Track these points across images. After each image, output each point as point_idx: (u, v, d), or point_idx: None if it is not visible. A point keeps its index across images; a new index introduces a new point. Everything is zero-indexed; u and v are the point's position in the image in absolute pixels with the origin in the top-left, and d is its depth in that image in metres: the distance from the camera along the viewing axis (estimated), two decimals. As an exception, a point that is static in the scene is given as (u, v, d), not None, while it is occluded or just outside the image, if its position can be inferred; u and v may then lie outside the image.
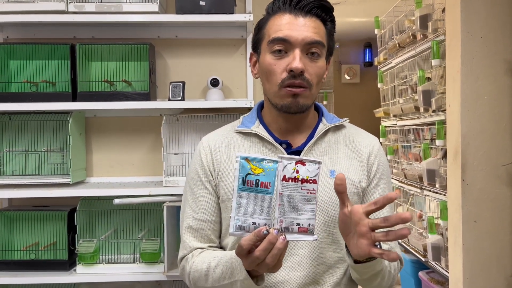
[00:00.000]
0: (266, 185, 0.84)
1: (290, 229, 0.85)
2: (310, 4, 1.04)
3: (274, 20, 1.05)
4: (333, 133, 1.14)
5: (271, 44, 1.04)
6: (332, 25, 1.10)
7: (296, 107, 1.05)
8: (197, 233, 1.11)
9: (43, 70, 1.88)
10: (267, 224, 0.85)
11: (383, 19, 3.48)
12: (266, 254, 0.83)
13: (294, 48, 1.02)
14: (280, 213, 0.85)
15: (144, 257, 1.81)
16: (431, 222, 2.47)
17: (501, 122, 2.05)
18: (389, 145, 3.39)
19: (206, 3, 1.81)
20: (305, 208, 0.86)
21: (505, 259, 2.05)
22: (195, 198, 1.12)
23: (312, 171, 0.85)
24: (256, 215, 0.85)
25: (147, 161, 2.01)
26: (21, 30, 1.96)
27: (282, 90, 1.04)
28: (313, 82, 1.04)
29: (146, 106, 1.81)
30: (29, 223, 1.90)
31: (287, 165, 0.84)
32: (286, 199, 0.85)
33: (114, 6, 1.80)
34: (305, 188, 0.85)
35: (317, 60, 1.05)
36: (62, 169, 1.92)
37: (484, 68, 2.04)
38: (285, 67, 1.03)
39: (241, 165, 0.84)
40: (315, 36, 1.03)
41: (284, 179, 0.85)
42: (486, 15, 2.02)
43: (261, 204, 0.84)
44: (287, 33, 1.02)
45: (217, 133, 1.17)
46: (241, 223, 0.85)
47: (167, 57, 2.01)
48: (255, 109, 1.17)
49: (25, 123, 1.94)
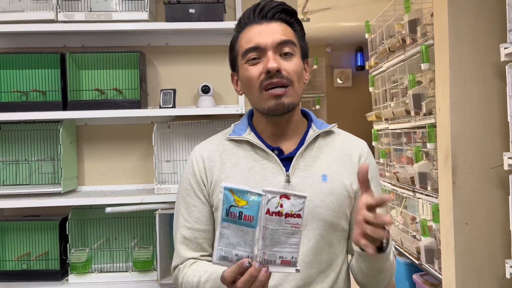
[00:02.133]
0: (249, 219, 0.84)
1: (273, 261, 0.85)
2: (272, 10, 1.08)
3: (243, 35, 1.10)
4: (323, 138, 1.16)
5: (245, 56, 1.08)
6: (299, 26, 1.13)
7: (282, 107, 1.07)
8: (190, 242, 1.12)
9: (33, 79, 1.88)
10: (250, 256, 0.85)
11: (373, 23, 3.50)
12: (249, 286, 0.85)
13: (266, 52, 1.06)
14: (263, 245, 0.85)
15: (137, 265, 1.80)
16: (424, 224, 2.49)
17: (490, 124, 2.07)
18: (381, 149, 3.40)
19: (195, 10, 1.81)
20: (289, 242, 0.85)
21: (497, 260, 2.07)
22: (188, 207, 1.13)
23: (297, 205, 0.85)
24: (239, 246, 0.85)
25: (139, 169, 2.01)
26: (11, 39, 1.95)
27: (264, 94, 1.06)
28: (293, 79, 1.07)
29: (137, 114, 1.81)
30: (21, 233, 1.88)
31: (271, 199, 0.84)
32: (270, 232, 0.84)
33: (103, 15, 1.81)
34: (289, 222, 0.84)
35: (291, 58, 1.08)
36: (53, 178, 1.91)
37: (473, 72, 2.06)
38: (261, 71, 1.06)
39: (225, 196, 0.84)
40: (283, 36, 1.07)
41: (268, 212, 0.84)
42: (474, 19, 2.05)
43: (244, 237, 0.84)
44: (257, 40, 1.06)
45: (209, 142, 1.19)
46: (224, 253, 0.85)
47: (158, 64, 2.01)
48: (246, 117, 1.19)
49: (15, 132, 1.93)
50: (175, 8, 1.82)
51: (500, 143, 2.05)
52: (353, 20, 4.70)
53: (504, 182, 2.04)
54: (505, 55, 1.79)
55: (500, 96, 2.05)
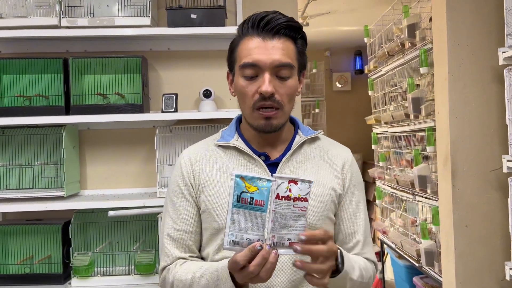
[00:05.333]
0: (260, 203, 0.89)
1: (282, 244, 0.90)
2: (277, 26, 1.07)
3: (244, 44, 1.09)
4: (309, 145, 1.18)
5: (242, 69, 1.08)
6: (302, 42, 1.13)
7: (269, 128, 1.09)
8: (178, 243, 1.13)
9: (36, 84, 1.90)
10: (260, 239, 0.89)
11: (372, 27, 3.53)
12: (260, 268, 0.88)
13: (263, 72, 1.06)
14: (273, 229, 0.89)
15: (139, 268, 1.81)
16: (424, 227, 2.50)
17: (489, 127, 2.08)
18: (381, 152, 3.42)
19: (197, 16, 1.83)
20: (296, 224, 0.91)
21: (497, 263, 2.08)
22: (176, 209, 1.14)
23: (304, 190, 0.91)
24: (250, 231, 0.89)
25: (141, 172, 2.02)
26: (14, 44, 1.97)
27: (255, 113, 1.08)
28: (284, 102, 1.08)
29: (140, 118, 1.82)
30: (24, 237, 1.89)
31: (280, 184, 0.89)
32: (279, 216, 0.89)
33: (106, 20, 1.82)
34: (297, 206, 0.90)
35: (287, 80, 1.08)
36: (56, 182, 1.92)
37: (471, 75, 2.08)
38: (256, 90, 1.07)
39: (236, 183, 0.88)
40: (283, 58, 1.06)
41: (277, 197, 0.89)
42: (472, 24, 2.07)
43: (255, 221, 0.89)
44: (256, 57, 1.06)
45: (197, 146, 1.21)
46: (235, 238, 0.89)
47: (160, 69, 2.03)
48: (234, 123, 1.22)
49: (18, 137, 1.94)
50: (177, 14, 1.84)
51: (499, 146, 2.07)
52: (352, 24, 4.73)
53: (503, 185, 2.06)
54: (503, 59, 1.81)
55: (498, 100, 2.06)
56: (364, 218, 1.17)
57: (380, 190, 3.42)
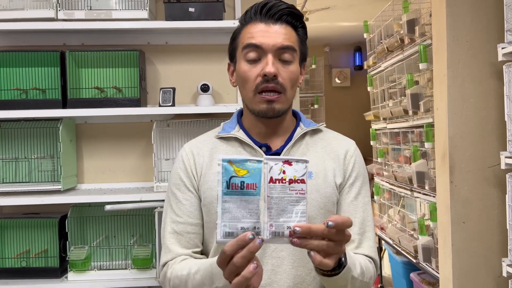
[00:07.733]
0: (252, 187, 0.80)
1: (281, 233, 0.81)
2: (280, 12, 1.08)
3: (247, 29, 1.10)
4: (310, 136, 1.17)
5: (245, 50, 1.08)
6: (303, 31, 1.14)
7: (272, 112, 1.08)
8: (182, 238, 1.11)
9: (33, 77, 1.89)
10: (256, 227, 0.81)
11: (372, 23, 3.52)
12: (246, 262, 0.79)
13: (266, 54, 1.06)
14: (269, 217, 0.80)
15: (136, 263, 1.81)
16: (421, 223, 2.50)
17: (487, 124, 2.08)
18: (379, 148, 3.42)
19: (195, 9, 1.82)
20: (295, 210, 0.81)
21: (494, 259, 2.08)
22: (179, 202, 1.13)
23: (300, 171, 0.81)
24: (244, 219, 0.80)
25: (138, 167, 2.01)
26: (11, 37, 1.96)
27: (257, 97, 1.08)
28: (287, 86, 1.08)
29: (137, 112, 1.82)
30: (20, 231, 1.89)
31: (273, 166, 0.81)
32: (275, 201, 0.81)
33: (103, 13, 1.81)
34: (294, 189, 0.81)
35: (290, 64, 1.09)
36: (52, 176, 1.92)
37: (470, 72, 2.07)
38: (259, 73, 1.07)
39: (224, 168, 0.80)
40: (285, 41, 1.07)
41: (271, 181, 0.81)
42: (471, 20, 2.06)
43: (248, 207, 0.80)
44: (260, 39, 1.07)
45: (199, 140, 1.21)
46: (228, 229, 0.80)
47: (157, 63, 2.02)
48: (235, 116, 1.21)
49: (15, 130, 1.93)
50: (175, 7, 1.82)
51: (497, 142, 2.07)
52: (352, 20, 4.72)
53: (501, 181, 2.06)
54: (502, 55, 1.81)
55: (497, 96, 2.06)
56: (363, 211, 1.12)
57: (378, 186, 3.42)
